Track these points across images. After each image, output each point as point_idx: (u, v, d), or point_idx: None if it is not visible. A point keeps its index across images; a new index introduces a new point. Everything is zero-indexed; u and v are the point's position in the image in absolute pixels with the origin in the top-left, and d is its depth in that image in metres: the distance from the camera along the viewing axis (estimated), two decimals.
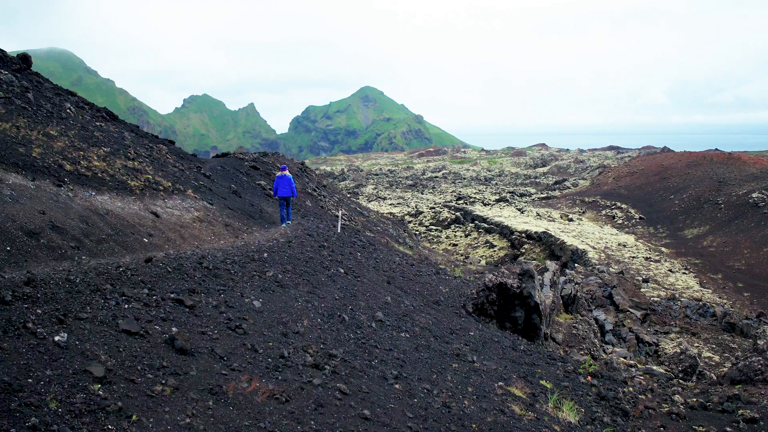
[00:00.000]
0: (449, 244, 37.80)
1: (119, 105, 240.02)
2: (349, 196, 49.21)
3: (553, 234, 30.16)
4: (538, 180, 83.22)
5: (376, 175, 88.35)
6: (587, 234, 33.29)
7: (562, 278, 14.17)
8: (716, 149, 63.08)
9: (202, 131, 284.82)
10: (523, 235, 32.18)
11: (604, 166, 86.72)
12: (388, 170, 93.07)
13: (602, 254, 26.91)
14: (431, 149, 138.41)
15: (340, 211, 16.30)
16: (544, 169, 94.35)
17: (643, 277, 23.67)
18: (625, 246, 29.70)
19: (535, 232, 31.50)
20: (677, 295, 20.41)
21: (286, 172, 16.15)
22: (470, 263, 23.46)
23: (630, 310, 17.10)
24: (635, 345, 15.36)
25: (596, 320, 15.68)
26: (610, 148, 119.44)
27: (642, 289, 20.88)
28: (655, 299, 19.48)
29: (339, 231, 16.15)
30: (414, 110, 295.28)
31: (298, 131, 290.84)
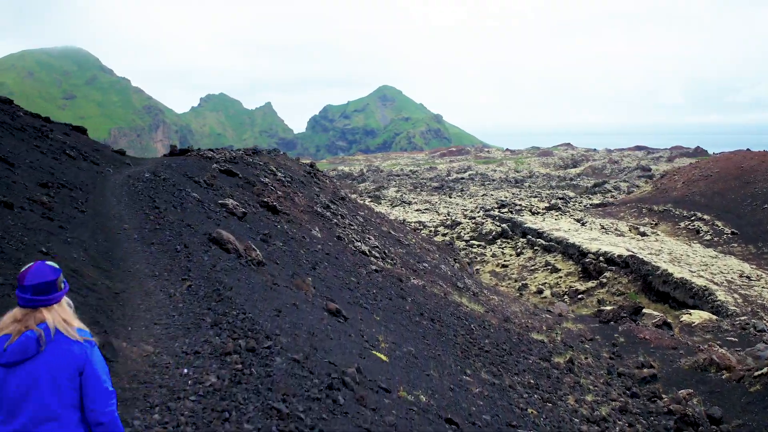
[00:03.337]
0: (497, 265, 30.21)
1: (134, 104, 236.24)
2: (370, 202, 41.84)
3: (645, 259, 22.43)
4: (574, 182, 75.60)
5: (398, 176, 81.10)
6: (682, 256, 25.42)
7: None
8: (747, 149, 55.76)
9: (219, 131, 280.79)
10: (601, 258, 24.48)
11: (643, 167, 78.41)
12: (410, 171, 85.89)
13: (734, 294, 19.07)
14: (453, 149, 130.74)
15: None
16: (578, 170, 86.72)
17: None
18: (749, 278, 21.83)
19: (619, 256, 23.78)
20: None
21: (44, 322, 2.62)
22: (559, 313, 15.89)
23: None
24: None
25: None
26: (638, 148, 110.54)
27: None
28: None
29: None
30: (432, 110, 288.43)
31: (316, 131, 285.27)
